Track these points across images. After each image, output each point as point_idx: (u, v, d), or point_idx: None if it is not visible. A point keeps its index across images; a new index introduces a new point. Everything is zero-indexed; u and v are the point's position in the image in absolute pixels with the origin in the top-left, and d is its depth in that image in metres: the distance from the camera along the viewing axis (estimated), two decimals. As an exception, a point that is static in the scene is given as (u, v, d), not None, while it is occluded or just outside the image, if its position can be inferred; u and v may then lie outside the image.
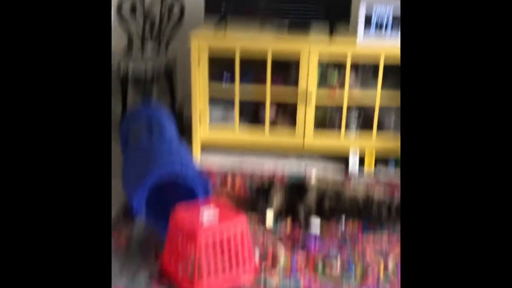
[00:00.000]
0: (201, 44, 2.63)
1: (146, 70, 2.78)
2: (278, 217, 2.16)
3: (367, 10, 2.58)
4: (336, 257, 1.90)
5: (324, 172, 2.69)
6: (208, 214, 1.77)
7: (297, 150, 2.78)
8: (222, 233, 1.71)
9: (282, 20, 2.85)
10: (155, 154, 2.07)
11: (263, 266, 1.83)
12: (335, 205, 2.14)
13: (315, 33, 2.75)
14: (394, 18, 2.60)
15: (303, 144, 2.75)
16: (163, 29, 3.19)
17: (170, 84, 3.17)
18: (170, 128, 2.48)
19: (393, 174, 2.66)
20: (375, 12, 2.59)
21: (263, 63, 2.65)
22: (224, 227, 1.72)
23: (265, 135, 2.77)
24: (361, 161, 2.72)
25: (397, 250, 1.96)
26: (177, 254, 1.76)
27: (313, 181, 2.25)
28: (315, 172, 2.58)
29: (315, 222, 2.08)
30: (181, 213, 1.78)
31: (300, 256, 1.90)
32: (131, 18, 3.16)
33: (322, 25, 2.84)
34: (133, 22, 3.18)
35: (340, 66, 2.75)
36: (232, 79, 2.72)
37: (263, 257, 1.89)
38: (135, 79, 2.84)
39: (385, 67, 2.62)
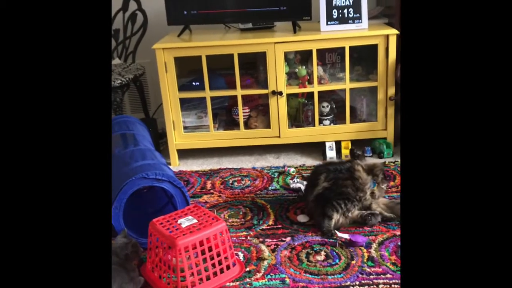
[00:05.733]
0: (166, 55, 2.64)
1: (116, 84, 2.77)
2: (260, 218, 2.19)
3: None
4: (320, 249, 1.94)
5: (303, 162, 2.74)
6: (186, 222, 1.79)
7: (274, 141, 2.80)
8: (201, 240, 1.73)
9: (246, 24, 2.88)
10: (129, 164, 2.06)
11: (247, 269, 1.85)
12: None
13: (279, 33, 2.78)
14: (353, 2, 2.63)
15: (279, 135, 2.78)
16: (128, 43, 3.19)
17: (141, 94, 3.17)
18: (144, 137, 2.48)
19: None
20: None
21: (231, 67, 2.67)
22: (203, 233, 1.73)
23: (241, 133, 2.79)
24: (338, 147, 2.77)
25: (380, 238, 1.99)
26: (159, 265, 1.78)
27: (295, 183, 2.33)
28: (293, 170, 2.62)
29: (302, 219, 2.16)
30: (160, 223, 1.79)
31: (283, 252, 1.93)
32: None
33: (285, 25, 2.87)
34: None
35: (307, 61, 2.78)
36: (202, 87, 2.73)
37: (247, 259, 1.91)
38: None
39: (351, 53, 2.66)
